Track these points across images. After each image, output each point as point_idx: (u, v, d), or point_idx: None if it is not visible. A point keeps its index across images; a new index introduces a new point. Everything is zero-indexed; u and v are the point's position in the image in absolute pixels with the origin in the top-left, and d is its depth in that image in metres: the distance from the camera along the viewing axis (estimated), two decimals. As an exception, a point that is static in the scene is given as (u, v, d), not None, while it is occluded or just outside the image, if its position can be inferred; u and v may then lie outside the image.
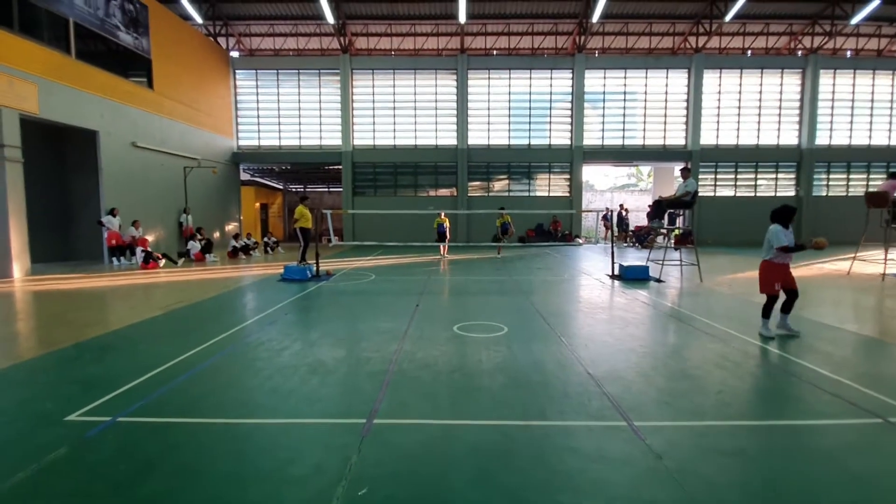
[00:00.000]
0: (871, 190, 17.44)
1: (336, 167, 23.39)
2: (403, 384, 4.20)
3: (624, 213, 22.04)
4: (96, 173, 13.65)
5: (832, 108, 22.25)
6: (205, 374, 4.48)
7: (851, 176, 22.69)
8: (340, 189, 23.40)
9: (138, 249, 12.97)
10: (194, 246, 14.94)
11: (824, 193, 22.57)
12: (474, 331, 6.05)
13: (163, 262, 12.93)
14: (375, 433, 3.26)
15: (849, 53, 22.45)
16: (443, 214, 15.51)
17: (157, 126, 16.03)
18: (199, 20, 19.52)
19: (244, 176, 24.90)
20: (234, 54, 21.93)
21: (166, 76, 16.47)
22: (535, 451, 3.05)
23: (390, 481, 2.71)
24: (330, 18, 18.61)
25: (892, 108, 22.30)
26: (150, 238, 13.98)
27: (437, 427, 3.40)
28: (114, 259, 13.45)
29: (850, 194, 22.33)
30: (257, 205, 26.30)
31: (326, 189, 32.52)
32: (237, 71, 21.94)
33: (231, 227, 20.74)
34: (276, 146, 22.29)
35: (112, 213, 13.50)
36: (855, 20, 18.83)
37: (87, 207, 13.91)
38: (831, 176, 22.69)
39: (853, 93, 22.21)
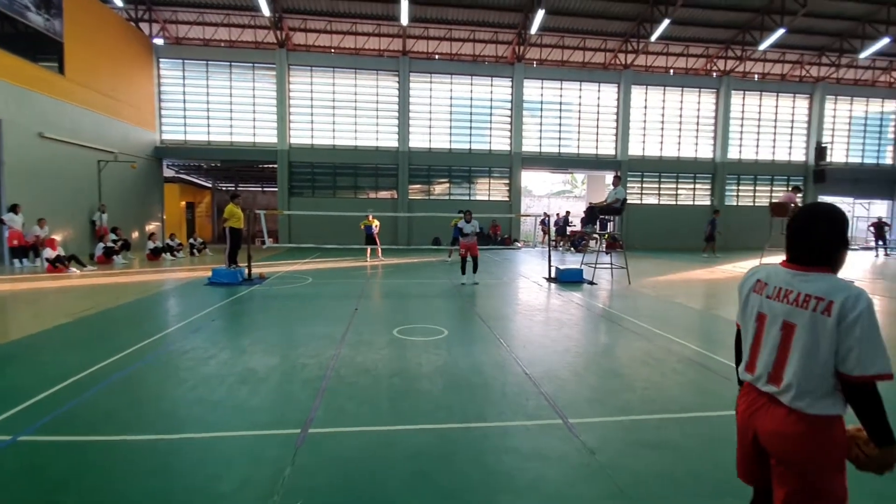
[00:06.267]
0: (774, 201, 19.40)
1: (271, 166, 22.44)
2: (341, 390, 4.08)
3: (570, 220, 22.81)
4: (-5, 165, 12.19)
5: (742, 125, 24.48)
6: (120, 386, 4.10)
7: (758, 188, 25.06)
8: (275, 189, 22.50)
9: (45, 252, 11.68)
10: (99, 247, 13.67)
11: (735, 203, 24.74)
12: (414, 334, 6.02)
13: (74, 270, 11.70)
14: (310, 443, 3.14)
15: (756, 77, 24.81)
16: (371, 216, 15.22)
17: (69, 115, 14.59)
18: (119, 3, 18.03)
19: (168, 172, 23.23)
20: (158, 42, 20.46)
21: (80, 62, 15.03)
22: (474, 453, 3.06)
23: (326, 492, 2.61)
24: (265, 11, 17.87)
25: (792, 127, 24.91)
26: (57, 238, 12.66)
27: (376, 433, 3.33)
28: (16, 261, 12.06)
29: (756, 204, 24.64)
30: (183, 203, 24.64)
31: (260, 189, 31.13)
32: (161, 60, 20.47)
33: (151, 226, 19.27)
34: (205, 142, 21.02)
35: (14, 210, 12.11)
36: (762, 46, 20.84)
37: (-18, 203, 12.36)
38: (741, 187, 24.93)
39: (760, 112, 24.58)
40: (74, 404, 3.69)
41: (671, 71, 24.06)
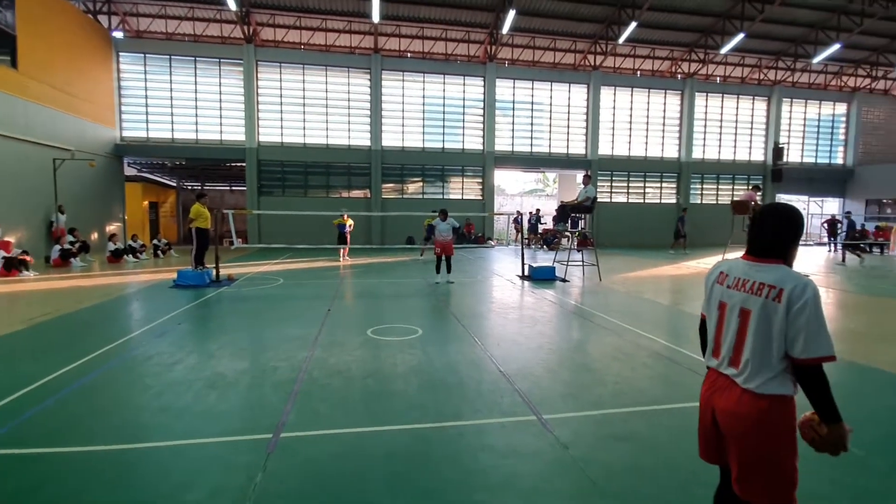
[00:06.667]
0: (735, 199, 20.15)
1: (239, 164, 21.87)
2: (314, 393, 4.01)
3: (542, 218, 23.14)
4: (-64, 163, 11.45)
5: (705, 126, 25.31)
6: (80, 395, 3.93)
7: (720, 186, 25.97)
8: (244, 188, 21.94)
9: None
10: (55, 250, 13.03)
11: (699, 201, 25.56)
12: (388, 334, 5.98)
13: (28, 273, 11.12)
14: (283, 448, 3.07)
15: (718, 79, 25.69)
16: (346, 215, 15.08)
17: (21, 111, 13.84)
18: (74, -7, 17.24)
19: (130, 171, 22.34)
20: (118, 35, 19.65)
21: (34, 55, 14.27)
22: (450, 452, 3.06)
23: (299, 498, 2.56)
24: (232, 5, 17.40)
25: (751, 128, 25.92)
26: (12, 240, 12.00)
27: (350, 435, 3.29)
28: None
29: (719, 202, 25.53)
30: (145, 203, 23.72)
31: (228, 188, 30.30)
32: (121, 54, 19.65)
33: (112, 227, 18.51)
34: (169, 139, 20.30)
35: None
36: (723, 50, 21.61)
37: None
38: (704, 186, 25.79)
39: (721, 114, 25.47)
40: (31, 414, 3.50)
41: (638, 73, 24.64)
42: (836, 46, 21.01)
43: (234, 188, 29.91)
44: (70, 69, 16.28)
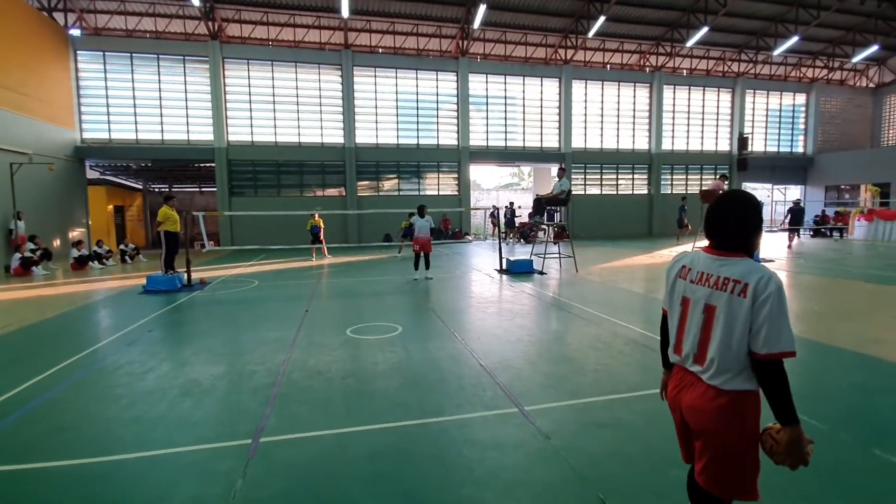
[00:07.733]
0: (703, 188, 20.71)
1: (208, 165, 21.29)
2: (293, 396, 3.95)
3: (515, 212, 23.27)
4: None
5: (673, 117, 25.90)
6: (45, 409, 3.76)
7: (689, 176, 26.64)
8: (214, 189, 21.40)
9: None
10: (15, 258, 12.48)
11: (669, 191, 26.17)
12: (368, 333, 5.93)
13: None
14: (263, 453, 3.01)
15: (685, 72, 26.29)
16: (316, 216, 15.04)
17: (-30, 113, 13.15)
18: (25, -11, 16.41)
19: (92, 174, 21.49)
20: (75, 32, 18.83)
21: (-19, 53, 13.58)
22: (433, 449, 3.06)
23: (282, 500, 2.52)
24: (195, 0, 16.88)
25: (717, 119, 26.65)
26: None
27: (332, 437, 3.25)
28: None
29: (688, 192, 26.16)
30: (110, 207, 22.85)
31: (198, 189, 29.51)
32: (79, 52, 18.83)
33: (76, 233, 17.81)
34: (133, 140, 19.60)
35: None
36: (689, 43, 22.13)
37: None
38: (674, 176, 26.41)
39: (688, 105, 26.10)
40: (-9, 432, 3.34)
41: (608, 66, 25.00)
42: (794, 39, 21.75)
43: (203, 189, 29.16)
44: (25, 69, 15.53)
